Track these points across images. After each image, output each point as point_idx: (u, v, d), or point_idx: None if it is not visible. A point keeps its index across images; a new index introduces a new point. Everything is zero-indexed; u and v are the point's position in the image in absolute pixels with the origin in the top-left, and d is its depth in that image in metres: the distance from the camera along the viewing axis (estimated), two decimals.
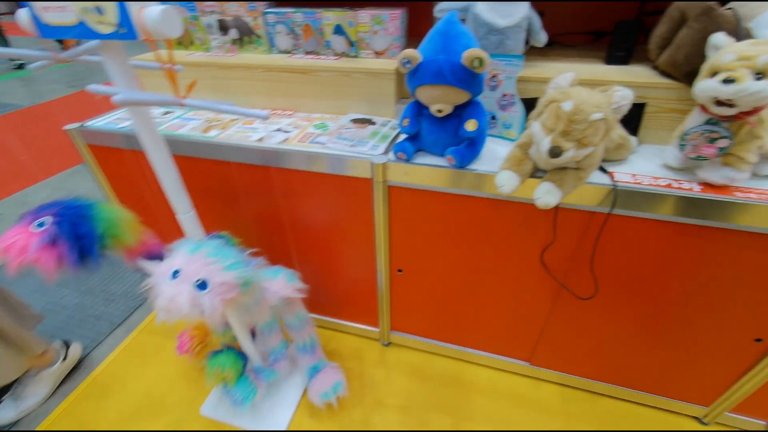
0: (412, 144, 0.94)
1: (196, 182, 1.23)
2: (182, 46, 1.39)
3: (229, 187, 1.20)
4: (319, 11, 1.16)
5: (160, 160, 0.75)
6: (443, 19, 0.79)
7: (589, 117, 0.66)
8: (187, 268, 0.65)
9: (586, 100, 0.67)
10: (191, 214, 0.86)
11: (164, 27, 0.55)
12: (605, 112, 0.67)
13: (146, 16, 0.55)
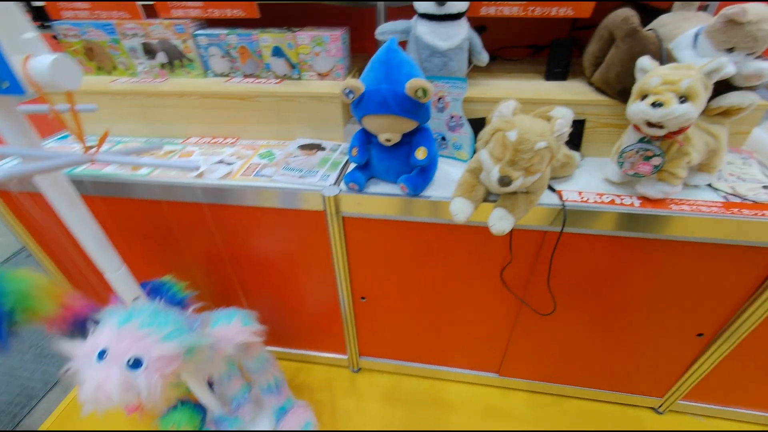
0: (363, 173, 0.90)
1: (129, 224, 1.12)
2: (103, 71, 1.26)
3: (168, 227, 1.10)
4: (255, 33, 1.09)
5: (75, 219, 0.66)
6: (384, 48, 0.77)
7: (534, 146, 0.67)
8: (116, 346, 0.57)
9: (529, 130, 0.67)
10: (122, 271, 0.77)
11: (57, 79, 0.47)
12: (548, 141, 0.67)
13: (33, 69, 0.47)
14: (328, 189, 0.91)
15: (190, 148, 1.14)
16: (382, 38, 0.98)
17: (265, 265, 1.15)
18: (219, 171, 1.01)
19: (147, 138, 1.22)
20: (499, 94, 0.98)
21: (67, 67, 0.48)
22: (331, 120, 1.10)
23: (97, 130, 1.23)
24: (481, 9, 0.96)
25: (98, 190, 1.03)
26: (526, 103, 0.94)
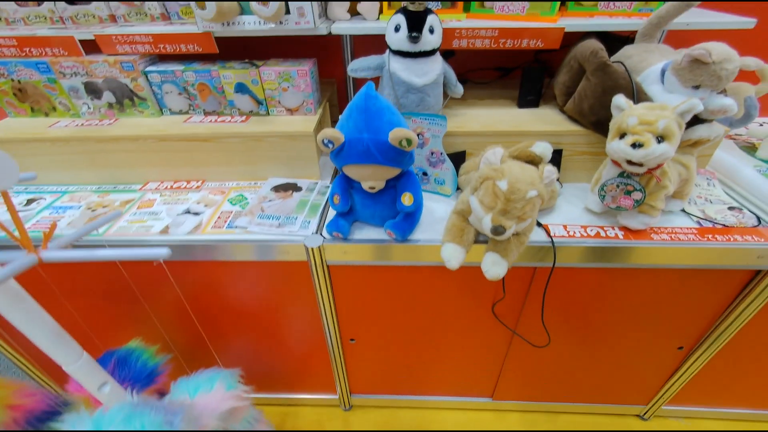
0: (346, 219, 0.86)
1: (90, 287, 1.00)
2: (39, 113, 1.12)
3: (134, 288, 0.99)
4: (215, 69, 1.01)
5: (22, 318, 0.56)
6: (362, 94, 0.72)
7: (526, 195, 0.65)
8: None
9: (520, 179, 0.66)
10: (83, 360, 0.67)
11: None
12: (539, 189, 0.66)
13: None
14: (311, 239, 0.85)
15: (149, 196, 1.04)
16: (354, 75, 0.94)
17: (243, 317, 1.07)
18: (186, 224, 0.92)
19: (98, 185, 1.09)
20: (477, 125, 0.97)
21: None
22: (305, 158, 1.04)
23: (34, 180, 1.10)
24: (453, 42, 0.95)
25: None
26: (504, 135, 0.95)
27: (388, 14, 1.01)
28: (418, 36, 0.82)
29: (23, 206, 1.02)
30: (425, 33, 0.83)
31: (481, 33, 0.93)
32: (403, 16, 0.83)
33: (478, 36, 0.94)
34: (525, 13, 0.94)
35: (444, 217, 0.91)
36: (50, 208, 1.01)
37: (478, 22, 0.96)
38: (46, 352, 0.63)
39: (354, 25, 0.97)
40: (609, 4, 0.96)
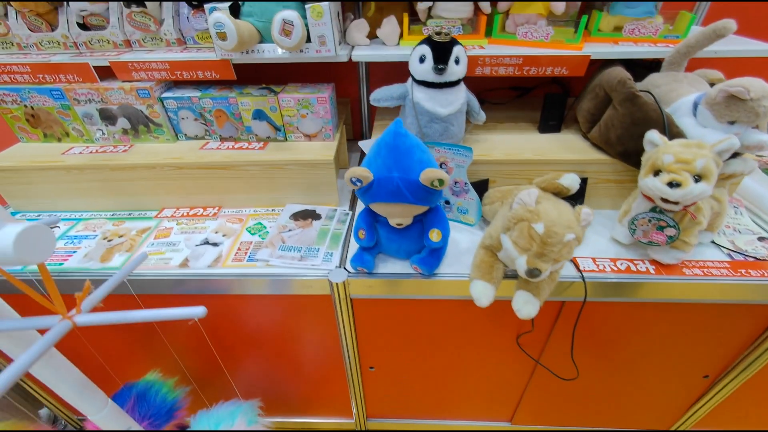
0: (371, 254, 0.84)
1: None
2: (52, 139, 1.10)
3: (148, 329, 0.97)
4: (232, 95, 0.99)
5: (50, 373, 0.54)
6: (390, 132, 0.71)
7: (563, 239, 0.64)
8: None
9: (557, 222, 0.64)
10: (107, 408, 0.65)
11: (24, 255, 0.37)
12: (576, 231, 0.65)
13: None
14: (335, 274, 0.84)
15: (166, 224, 1.02)
16: (377, 104, 0.93)
17: (261, 345, 1.06)
18: (206, 256, 0.91)
19: (113, 212, 1.08)
20: (500, 153, 0.96)
21: (35, 241, 0.38)
22: (325, 184, 1.03)
23: (49, 205, 1.08)
24: (476, 69, 0.93)
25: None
26: (528, 164, 0.94)
27: (408, 40, 0.99)
28: (444, 68, 0.81)
29: None
30: (451, 64, 0.82)
31: (504, 60, 0.92)
32: (428, 47, 0.81)
33: (502, 63, 0.92)
34: (549, 40, 0.93)
35: (469, 248, 0.90)
36: (65, 237, 0.99)
37: (502, 48, 0.94)
38: (72, 404, 0.61)
39: (374, 53, 0.95)
40: (634, 30, 0.95)
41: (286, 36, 0.82)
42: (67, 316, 0.45)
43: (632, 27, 0.95)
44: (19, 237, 0.37)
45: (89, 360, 0.94)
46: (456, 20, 0.96)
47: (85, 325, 0.46)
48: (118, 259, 0.91)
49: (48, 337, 0.42)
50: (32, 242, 0.38)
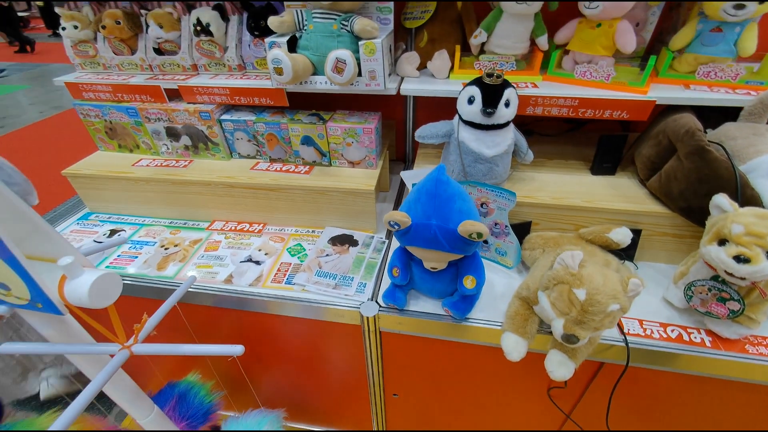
0: (403, 291, 0.85)
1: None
2: (125, 149, 1.22)
3: (193, 327, 1.05)
4: (284, 121, 1.04)
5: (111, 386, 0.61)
6: (432, 179, 0.71)
7: (606, 309, 0.60)
8: None
9: (600, 290, 0.61)
10: (153, 413, 0.72)
11: (95, 299, 0.42)
12: (621, 302, 0.61)
13: (69, 293, 0.42)
14: (367, 307, 0.85)
15: (216, 237, 1.09)
16: (422, 141, 0.93)
17: (288, 362, 1.10)
18: (249, 274, 0.96)
19: (171, 219, 1.17)
20: (546, 196, 0.92)
21: (105, 287, 0.43)
22: (364, 212, 1.05)
23: (119, 208, 1.21)
24: (527, 108, 0.90)
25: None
26: (576, 210, 0.89)
27: (458, 74, 0.98)
28: (493, 111, 0.79)
29: (107, 237, 1.12)
30: (500, 107, 0.80)
31: (559, 101, 0.88)
32: (478, 89, 0.80)
33: (556, 104, 0.88)
34: (610, 81, 0.87)
35: (504, 293, 0.87)
36: (130, 242, 1.09)
37: (556, 88, 0.90)
38: (125, 409, 0.68)
39: (422, 87, 0.95)
40: (710, 72, 0.87)
41: (338, 73, 0.85)
42: (126, 346, 0.51)
43: (708, 69, 0.87)
44: (95, 285, 0.41)
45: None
46: (510, 56, 0.94)
47: (140, 354, 0.51)
48: (172, 269, 0.99)
49: (110, 367, 0.47)
50: (103, 289, 0.43)
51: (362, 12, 0.96)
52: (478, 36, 0.92)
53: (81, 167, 1.14)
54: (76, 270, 0.41)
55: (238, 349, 0.52)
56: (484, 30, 0.91)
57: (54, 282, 0.41)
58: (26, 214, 0.39)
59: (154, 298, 0.98)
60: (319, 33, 0.89)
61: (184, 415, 0.94)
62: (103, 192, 1.17)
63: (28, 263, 0.39)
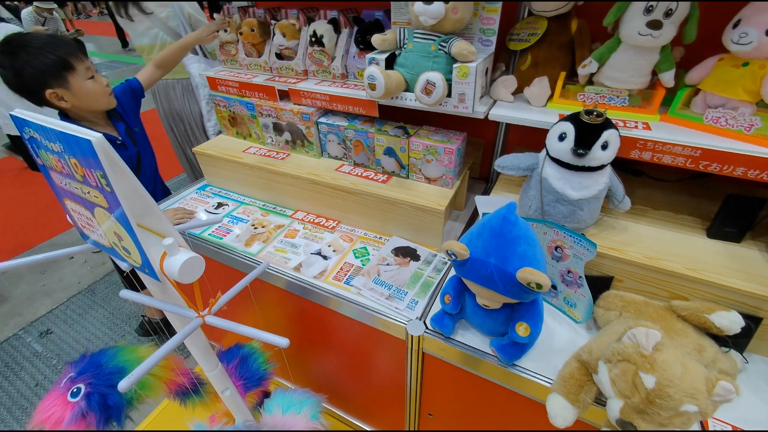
0: (452, 319, 0.84)
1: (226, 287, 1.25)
2: (241, 136, 1.42)
3: (260, 300, 1.19)
4: (371, 131, 1.10)
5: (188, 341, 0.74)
6: (499, 217, 0.68)
7: (679, 408, 0.52)
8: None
9: (675, 383, 0.52)
10: (217, 370, 0.85)
11: (183, 277, 0.52)
12: (701, 405, 0.51)
13: (167, 267, 0.52)
14: (413, 326, 0.87)
15: (296, 225, 1.21)
16: (501, 171, 0.89)
17: (338, 353, 1.17)
18: (315, 266, 1.05)
19: (264, 203, 1.34)
20: (638, 252, 0.80)
21: (192, 268, 0.53)
22: (431, 229, 1.05)
23: (228, 185, 1.42)
24: (632, 152, 0.80)
25: (212, 254, 1.17)
26: (674, 277, 0.77)
27: (557, 103, 0.91)
28: (585, 153, 0.72)
29: (215, 209, 1.33)
30: (596, 149, 0.72)
31: (675, 149, 0.76)
32: (572, 126, 0.74)
33: (670, 152, 0.76)
34: (752, 132, 0.72)
35: (563, 348, 0.80)
36: (230, 216, 1.28)
37: (675, 132, 0.78)
38: (196, 359, 0.82)
39: (513, 114, 0.91)
40: None
41: (426, 94, 0.86)
42: (201, 315, 0.61)
43: None
44: (184, 265, 0.51)
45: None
46: (623, 90, 0.84)
47: (211, 325, 0.61)
48: (256, 247, 1.14)
49: (186, 329, 0.58)
50: (189, 270, 0.52)
51: (465, 33, 0.96)
52: (588, 66, 0.84)
53: (206, 147, 1.37)
54: (173, 249, 0.51)
55: (284, 342, 0.58)
56: (595, 60, 0.82)
57: (158, 255, 0.52)
58: (144, 196, 0.50)
59: (237, 269, 1.14)
60: (416, 52, 0.91)
61: (242, 375, 1.08)
62: (218, 170, 1.39)
63: (142, 237, 0.50)
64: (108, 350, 0.82)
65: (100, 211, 0.50)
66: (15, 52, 1.02)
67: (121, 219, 0.48)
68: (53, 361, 1.77)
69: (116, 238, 0.53)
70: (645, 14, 0.72)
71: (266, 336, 0.60)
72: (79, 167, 0.46)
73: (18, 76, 1.03)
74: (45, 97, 1.07)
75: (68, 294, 2.12)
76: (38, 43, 1.04)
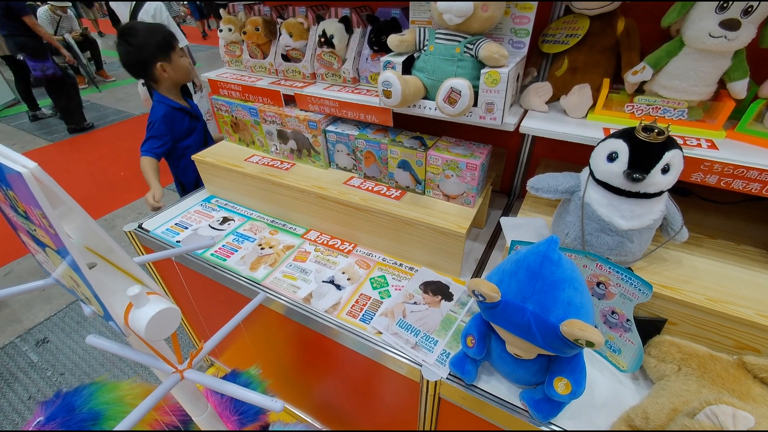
0: (475, 365, 0.72)
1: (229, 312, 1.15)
2: (243, 143, 1.33)
3: (263, 328, 1.09)
4: (384, 142, 0.99)
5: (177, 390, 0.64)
6: (539, 253, 0.56)
7: None
8: None
9: None
10: (206, 413, 0.75)
11: (151, 333, 0.42)
12: None
13: (133, 321, 0.42)
14: (429, 370, 0.75)
15: (307, 247, 1.10)
16: (534, 193, 0.77)
17: (345, 388, 1.07)
18: (327, 298, 0.93)
19: (273, 218, 1.23)
20: (697, 293, 0.68)
21: (163, 322, 0.43)
22: (449, 252, 0.94)
23: (229, 196, 1.33)
24: (693, 175, 0.68)
25: (215, 276, 1.08)
26: (741, 324, 0.64)
27: (600, 115, 0.79)
28: (643, 178, 0.60)
29: (219, 224, 1.22)
30: (655, 173, 0.60)
31: (749, 174, 0.63)
32: (626, 145, 0.62)
33: (742, 176, 0.64)
34: None
35: (606, 402, 0.69)
36: (234, 233, 1.18)
37: (747, 153, 0.65)
38: (183, 405, 0.72)
39: (548, 127, 0.79)
40: None
41: (450, 104, 0.75)
42: (179, 370, 0.51)
43: None
44: (153, 320, 0.41)
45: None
46: (681, 101, 0.71)
47: (191, 380, 0.51)
48: (262, 272, 1.02)
49: (160, 390, 0.48)
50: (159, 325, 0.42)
51: (494, 33, 0.84)
52: (640, 72, 0.72)
53: (205, 154, 1.28)
54: (141, 299, 0.41)
55: (277, 405, 0.48)
56: (650, 66, 0.70)
57: (122, 307, 0.42)
58: (100, 234, 0.40)
59: (241, 293, 1.04)
60: (438, 55, 0.80)
61: (238, 409, 0.98)
62: (220, 180, 1.29)
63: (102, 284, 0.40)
64: (85, 389, 0.73)
65: (52, 253, 0.40)
66: (136, 34, 1.34)
67: (72, 265, 0.38)
68: (48, 372, 1.71)
69: (73, 283, 0.43)
70: (718, 12, 0.60)
71: (257, 398, 0.50)
72: (20, 202, 0.36)
73: (139, 51, 1.34)
74: (153, 70, 1.38)
75: (68, 300, 2.06)
76: (149, 26, 1.41)
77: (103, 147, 3.80)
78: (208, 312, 1.35)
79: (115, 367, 1.73)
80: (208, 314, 1.36)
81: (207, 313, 1.36)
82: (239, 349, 1.35)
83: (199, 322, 1.45)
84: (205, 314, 1.37)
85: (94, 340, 0.53)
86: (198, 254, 1.10)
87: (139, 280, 0.43)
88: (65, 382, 1.66)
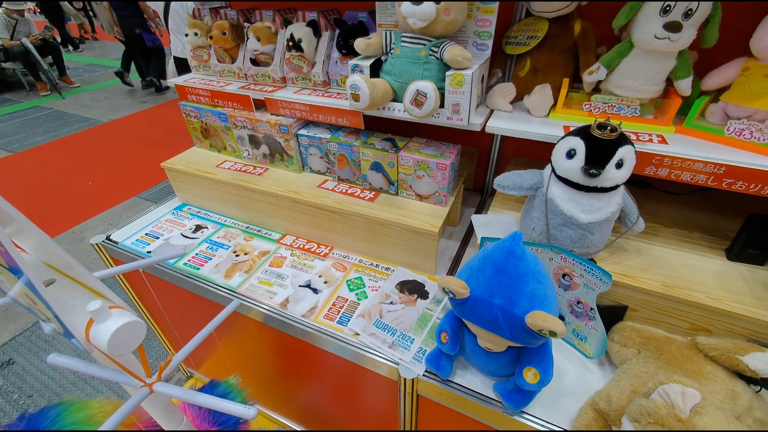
0: (450, 360, 0.74)
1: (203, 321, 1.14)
2: (215, 149, 1.30)
3: (242, 337, 1.08)
4: (356, 144, 1.00)
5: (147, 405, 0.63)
6: (504, 248, 0.59)
7: None
8: None
9: None
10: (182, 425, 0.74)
11: (114, 348, 0.41)
12: None
13: (94, 337, 0.41)
14: (406, 368, 0.77)
15: (283, 252, 1.09)
16: (500, 191, 0.80)
17: (323, 390, 1.07)
18: (304, 302, 0.93)
19: (247, 224, 1.21)
20: (655, 280, 0.72)
21: (126, 337, 0.42)
22: (423, 252, 0.96)
23: (202, 203, 1.30)
24: (647, 168, 0.72)
25: (190, 286, 1.06)
26: (696, 308, 0.68)
27: (561, 113, 0.83)
28: (599, 173, 0.63)
29: (192, 232, 1.20)
30: (609, 168, 0.63)
31: (696, 166, 0.67)
32: (582, 142, 0.65)
33: (690, 169, 0.68)
34: None
35: (575, 389, 0.72)
36: (209, 241, 1.15)
37: (695, 147, 0.70)
38: (156, 419, 0.70)
39: (513, 126, 0.82)
40: None
41: (417, 106, 0.77)
42: (148, 384, 0.50)
43: None
44: (114, 335, 0.40)
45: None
46: (633, 99, 0.75)
47: (160, 393, 0.50)
48: (237, 279, 1.01)
49: (128, 405, 0.47)
50: (124, 338, 0.42)
51: (458, 36, 0.87)
52: (596, 72, 0.75)
53: (175, 162, 1.25)
54: (102, 314, 0.41)
55: (251, 412, 0.48)
56: (603, 66, 0.74)
57: (82, 323, 0.41)
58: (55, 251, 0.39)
59: (217, 302, 1.02)
60: (405, 58, 0.81)
61: (217, 420, 0.96)
62: (191, 187, 1.27)
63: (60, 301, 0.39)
64: (51, 410, 0.70)
65: (5, 271, 0.39)
66: None
67: (27, 284, 0.37)
68: (14, 395, 1.62)
69: (30, 301, 0.42)
70: (662, 15, 0.64)
71: (231, 407, 0.50)
72: None
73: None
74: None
75: (33, 319, 1.96)
76: None
77: (69, 157, 3.63)
78: (183, 323, 1.32)
79: (88, 386, 1.66)
80: (183, 325, 1.33)
81: (182, 325, 1.33)
82: (218, 359, 1.32)
83: (174, 335, 1.41)
84: (179, 326, 1.34)
85: (56, 358, 0.51)
86: (170, 264, 1.07)
87: (101, 294, 0.42)
88: (33, 404, 1.59)
